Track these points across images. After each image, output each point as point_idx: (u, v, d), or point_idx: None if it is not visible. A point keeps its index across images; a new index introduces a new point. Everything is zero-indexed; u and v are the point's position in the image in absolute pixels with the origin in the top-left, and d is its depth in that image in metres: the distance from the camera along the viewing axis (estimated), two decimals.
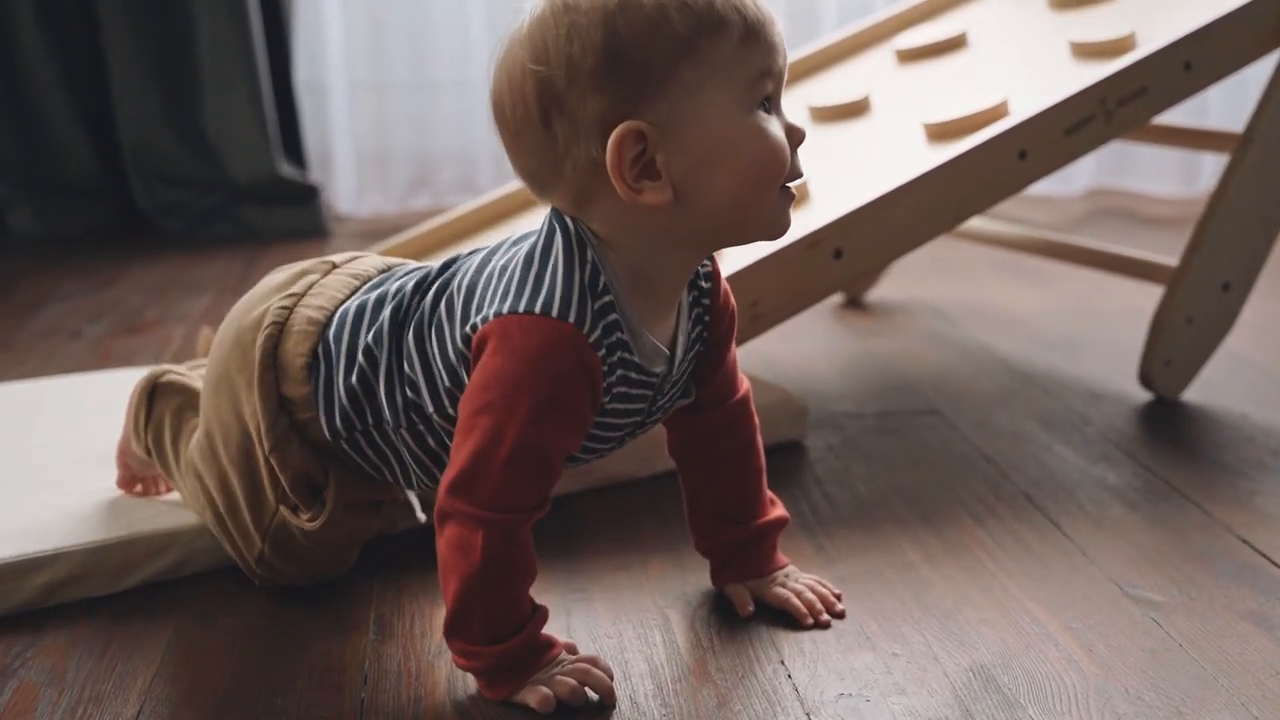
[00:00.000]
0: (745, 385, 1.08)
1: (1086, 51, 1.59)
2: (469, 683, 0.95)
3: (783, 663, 0.99)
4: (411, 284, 0.98)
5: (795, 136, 0.92)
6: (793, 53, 1.91)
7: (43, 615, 1.06)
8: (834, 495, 1.30)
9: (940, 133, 1.51)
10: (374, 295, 1.00)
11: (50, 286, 2.17)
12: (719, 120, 0.88)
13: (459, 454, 0.89)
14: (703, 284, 1.00)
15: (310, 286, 1.04)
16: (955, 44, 1.78)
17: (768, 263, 1.30)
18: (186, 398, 1.13)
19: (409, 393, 0.96)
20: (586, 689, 0.92)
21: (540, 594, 1.07)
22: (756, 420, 1.09)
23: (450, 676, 0.96)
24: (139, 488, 1.19)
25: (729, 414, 1.06)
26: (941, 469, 1.37)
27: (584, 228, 0.92)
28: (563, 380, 0.89)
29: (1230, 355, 1.70)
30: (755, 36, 0.89)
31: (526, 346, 0.88)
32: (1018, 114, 1.43)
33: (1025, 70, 1.63)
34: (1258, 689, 0.94)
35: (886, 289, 2.10)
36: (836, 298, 2.06)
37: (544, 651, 0.93)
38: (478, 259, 0.96)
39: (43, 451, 1.28)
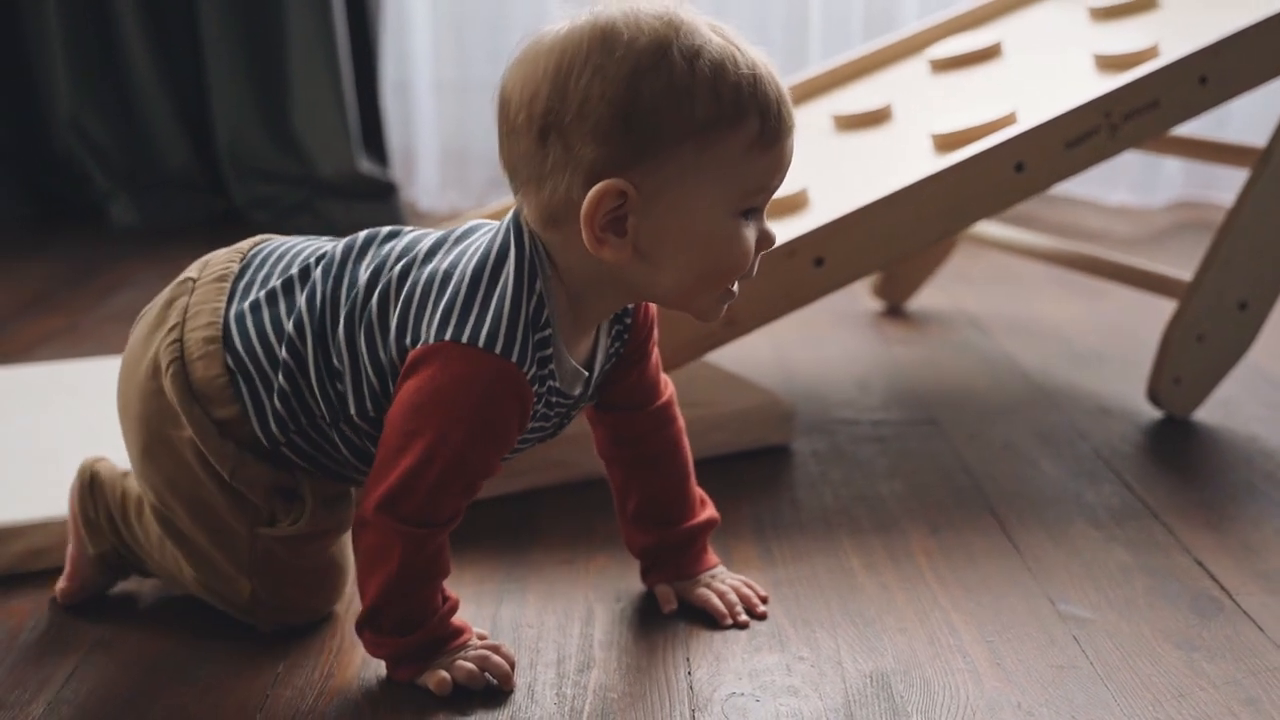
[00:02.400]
0: (669, 391, 1.10)
1: (1107, 64, 1.58)
2: (381, 664, 0.99)
3: (688, 659, 1.02)
4: (330, 263, 0.98)
5: (765, 244, 0.94)
6: (832, 61, 1.92)
7: (18, 580, 1.13)
8: (801, 500, 1.32)
9: (946, 143, 1.51)
10: (259, 279, 1.00)
11: (129, 274, 2.29)
12: (702, 213, 0.90)
13: (389, 471, 0.92)
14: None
15: (185, 310, 1.01)
16: (988, 54, 1.77)
17: None
18: (128, 478, 1.08)
19: (338, 385, 0.97)
20: (485, 674, 0.96)
21: (479, 583, 1.13)
22: (681, 424, 1.11)
23: (365, 657, 1.01)
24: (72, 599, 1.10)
25: (650, 418, 1.09)
26: (916, 479, 1.37)
27: (540, 250, 0.93)
28: (498, 413, 0.91)
29: (1257, 375, 1.66)
30: (767, 145, 0.90)
31: (466, 377, 0.90)
32: (1016, 126, 1.42)
33: (1046, 82, 1.62)
34: (1152, 710, 0.94)
35: (930, 298, 2.09)
36: (876, 305, 2.06)
37: (450, 639, 0.97)
38: (423, 248, 0.96)
39: (59, 428, 1.36)
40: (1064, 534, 1.24)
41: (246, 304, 1.00)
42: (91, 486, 1.08)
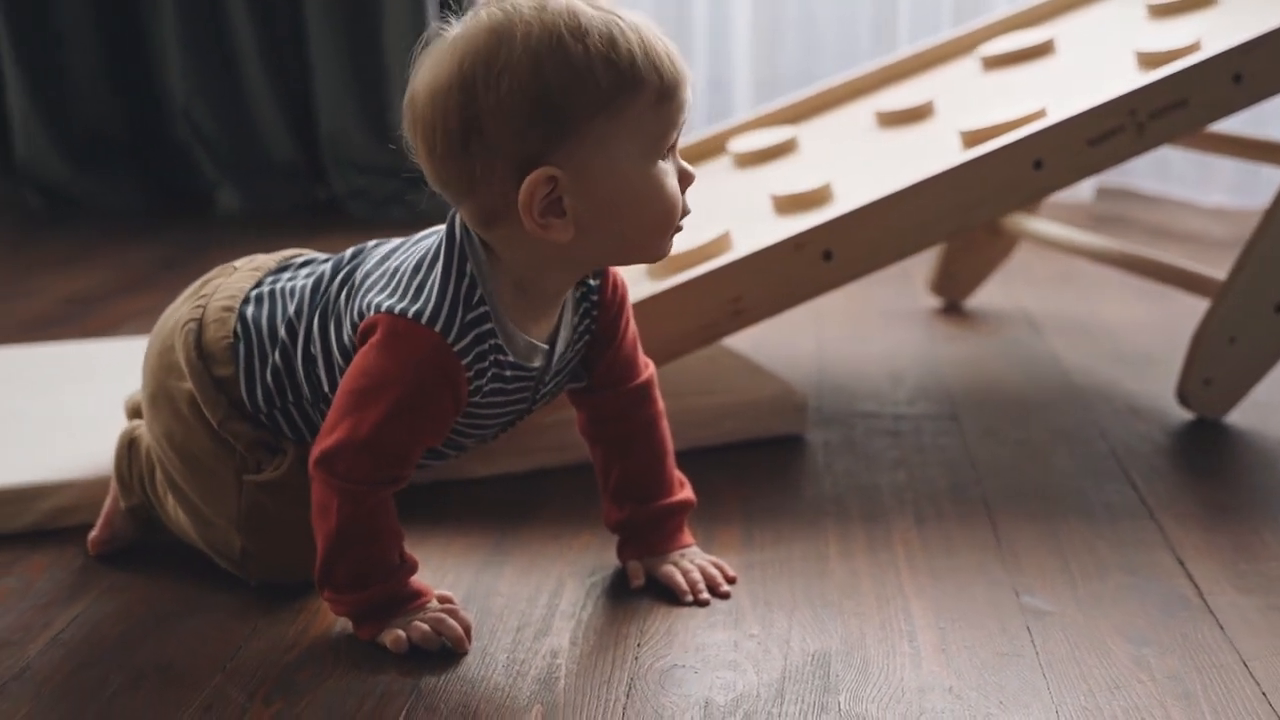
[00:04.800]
0: (647, 372, 1.14)
1: (1147, 61, 1.56)
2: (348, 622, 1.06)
3: (641, 632, 1.06)
4: (328, 267, 1.08)
5: (686, 180, 1.00)
6: (885, 58, 1.94)
7: (44, 536, 1.23)
8: (798, 489, 1.35)
9: (972, 139, 1.51)
10: (286, 276, 1.11)
11: (228, 259, 2.40)
12: (625, 172, 0.96)
13: (329, 430, 1.00)
14: (590, 281, 1.08)
15: (217, 288, 1.12)
16: (1039, 51, 1.76)
17: (751, 261, 1.36)
18: None
19: (316, 370, 1.06)
20: (440, 636, 1.02)
21: (466, 553, 1.18)
22: (660, 406, 1.15)
23: (339, 619, 1.07)
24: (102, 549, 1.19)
25: (626, 398, 1.13)
26: (919, 471, 1.39)
27: (473, 242, 1.00)
28: (424, 384, 0.98)
29: None
30: (667, 97, 0.96)
31: (397, 346, 0.98)
32: (1036, 123, 1.43)
33: (1086, 79, 1.61)
34: (1085, 700, 0.95)
35: (991, 297, 2.09)
36: (934, 302, 2.06)
37: (408, 600, 1.03)
38: (382, 251, 1.06)
39: (108, 399, 1.46)
40: (1051, 529, 1.24)
41: (265, 289, 1.11)
42: (130, 447, 1.18)
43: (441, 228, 1.03)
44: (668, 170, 0.98)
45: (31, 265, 2.39)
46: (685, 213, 1.00)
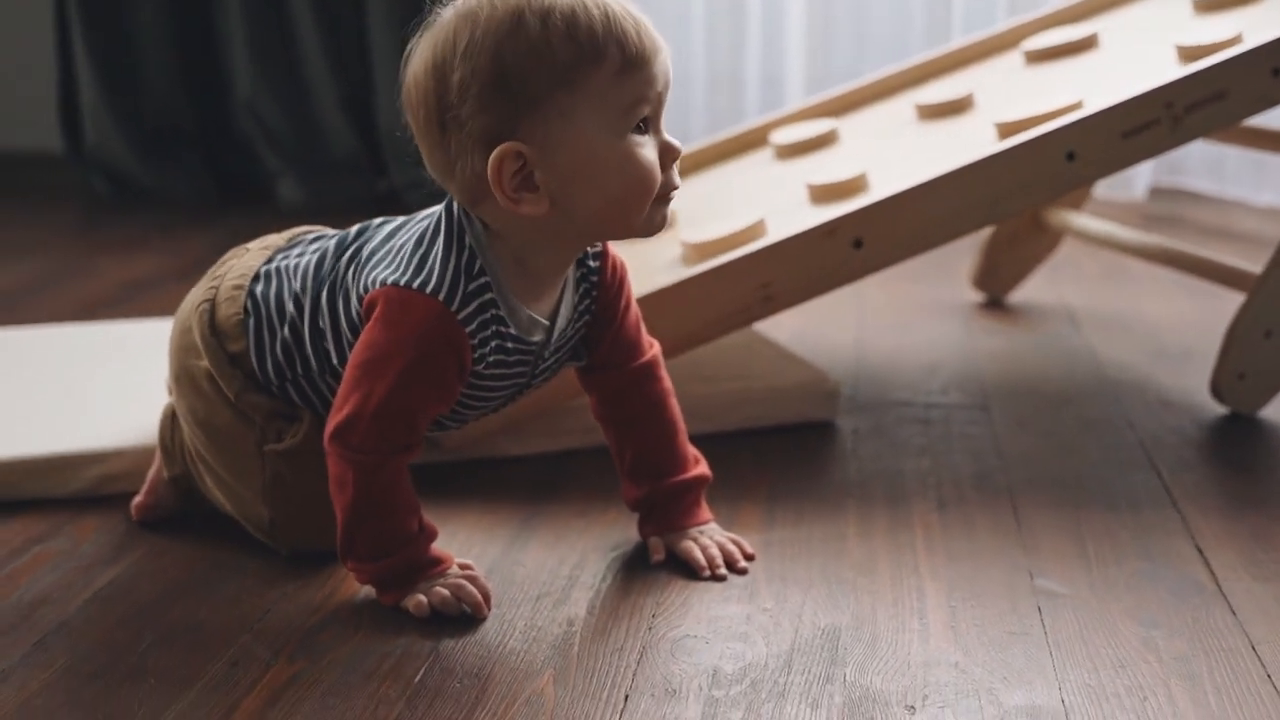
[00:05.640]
0: (651, 351, 1.17)
1: (1188, 55, 1.56)
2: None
3: (657, 604, 1.08)
4: (333, 243, 1.12)
5: (670, 154, 1.03)
6: (929, 53, 1.95)
7: (93, 502, 1.28)
8: (823, 472, 1.37)
9: (1008, 131, 1.52)
10: (295, 253, 1.14)
11: None
12: (590, 144, 0.99)
13: (340, 405, 1.04)
14: (590, 263, 1.11)
15: (230, 268, 1.17)
16: (1083, 45, 1.76)
17: (782, 248, 1.38)
18: None
19: (323, 343, 1.10)
20: (460, 601, 1.05)
21: (493, 527, 1.22)
22: (667, 384, 1.18)
23: (364, 586, 1.11)
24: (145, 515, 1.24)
25: (629, 377, 1.16)
26: (945, 458, 1.40)
27: (469, 219, 1.04)
28: (430, 352, 1.02)
29: None
30: (633, 68, 0.99)
31: (402, 318, 1.02)
32: (1069, 115, 1.43)
33: (1126, 73, 1.61)
34: (1089, 677, 0.96)
35: (1036, 292, 2.09)
36: (976, 296, 2.07)
37: (428, 567, 1.06)
38: (387, 229, 1.10)
39: (153, 373, 1.51)
40: (1073, 516, 1.25)
41: (273, 266, 1.15)
42: (173, 419, 1.23)
43: (441, 206, 1.06)
44: (642, 142, 1.00)
45: (94, 250, 2.46)
46: (671, 186, 1.03)
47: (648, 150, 1.01)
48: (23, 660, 0.99)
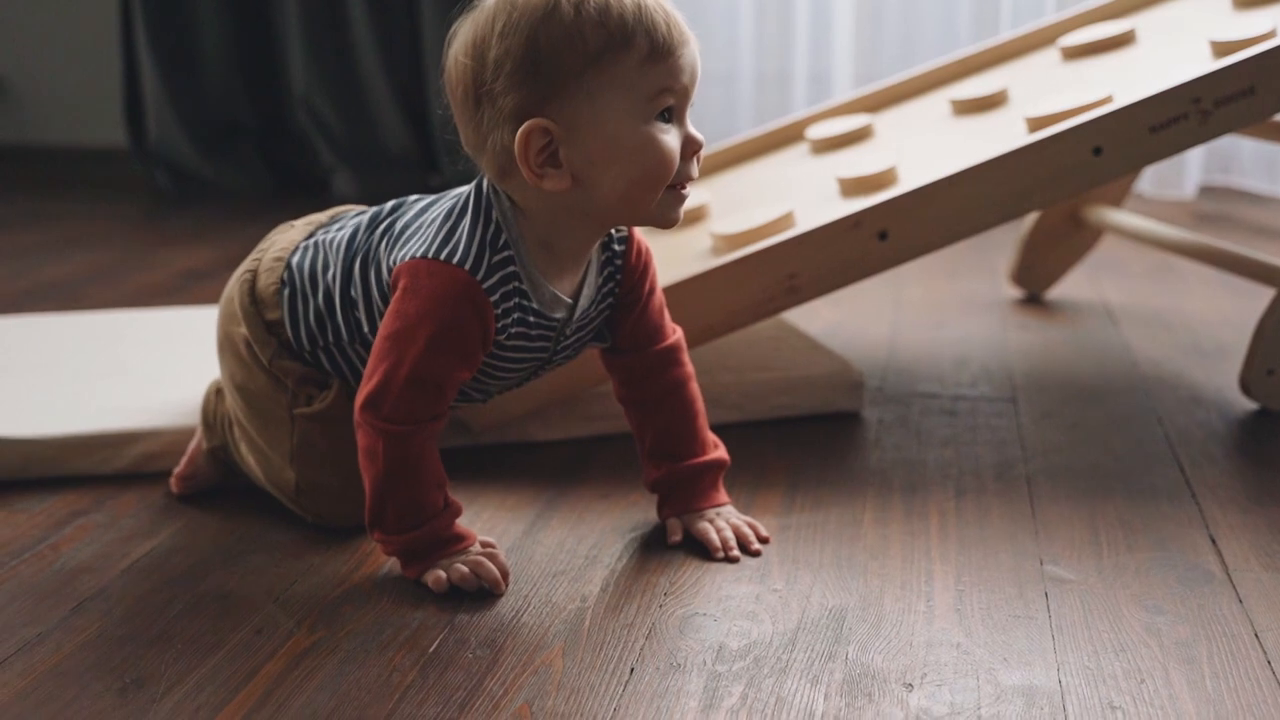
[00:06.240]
0: (674, 336, 1.20)
1: (1221, 50, 1.57)
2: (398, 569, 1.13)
3: (670, 583, 1.11)
4: (367, 217, 1.17)
5: (691, 146, 1.06)
6: (967, 49, 1.95)
7: (134, 479, 1.33)
8: (845, 460, 1.39)
9: (1037, 125, 1.53)
10: (333, 229, 1.19)
11: None
12: (614, 126, 1.03)
13: (370, 375, 1.08)
14: (615, 247, 1.14)
15: (273, 242, 1.23)
16: (1119, 41, 1.77)
17: (808, 239, 1.40)
18: None
19: (354, 312, 1.14)
20: (478, 578, 1.08)
21: (518, 507, 1.25)
22: (689, 370, 1.21)
23: (388, 562, 1.15)
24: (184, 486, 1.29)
25: (652, 360, 1.19)
26: (968, 449, 1.42)
27: (497, 195, 1.08)
28: (455, 318, 1.05)
29: None
30: (659, 57, 1.03)
31: (429, 287, 1.06)
32: (1097, 110, 1.44)
33: (1158, 68, 1.62)
34: (1088, 660, 0.98)
35: (1076, 289, 2.09)
36: (1015, 293, 2.08)
37: (452, 542, 1.10)
38: (419, 205, 1.14)
39: (197, 358, 1.56)
40: (1088, 506, 1.26)
41: (313, 240, 1.20)
42: (218, 394, 1.29)
43: (472, 184, 1.10)
44: (665, 129, 1.04)
45: (154, 241, 2.53)
46: (687, 177, 1.06)
47: (670, 138, 1.04)
48: (60, 624, 1.03)
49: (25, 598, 1.08)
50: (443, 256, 1.06)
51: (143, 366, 1.55)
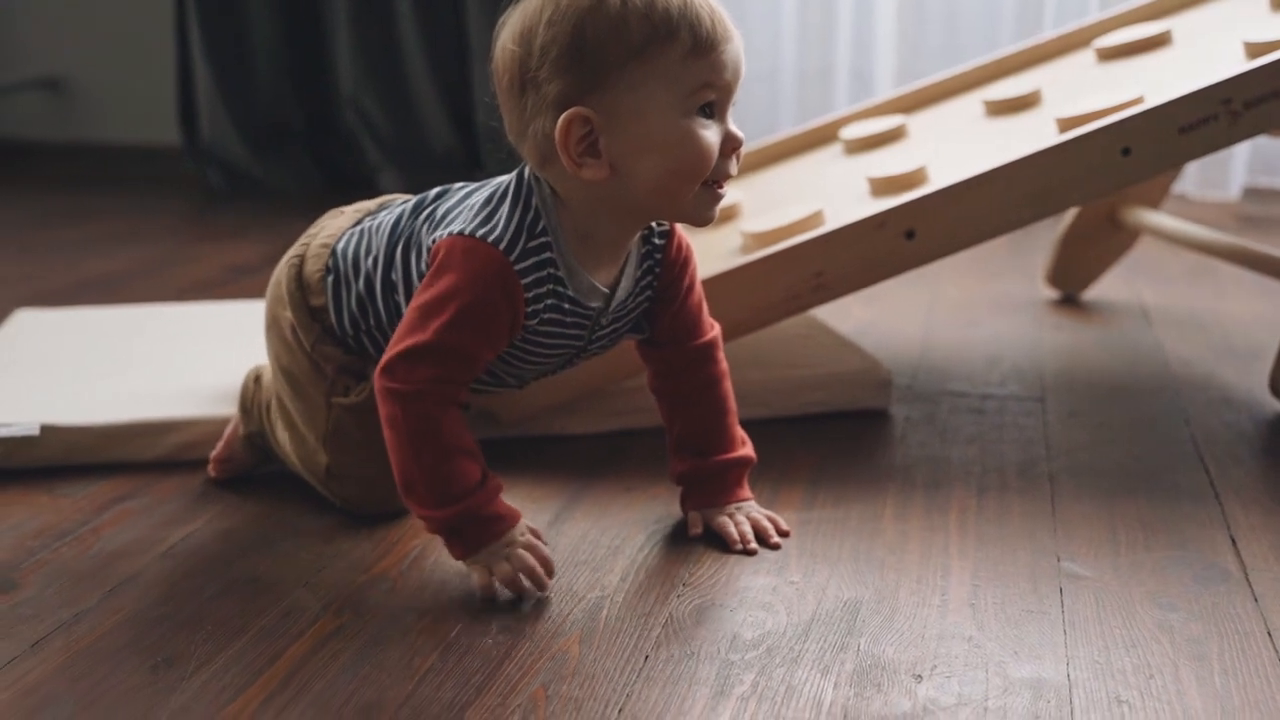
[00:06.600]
0: (711, 333, 1.22)
1: (1255, 51, 1.56)
2: (422, 555, 1.16)
3: (689, 574, 1.13)
4: (411, 204, 1.19)
5: (730, 144, 1.08)
6: (1001, 50, 1.96)
7: (171, 467, 1.37)
8: (870, 457, 1.40)
9: (1067, 125, 1.54)
10: (380, 215, 1.22)
11: None
12: (653, 118, 1.05)
13: (396, 342, 1.09)
14: (655, 240, 1.16)
15: (322, 228, 1.26)
16: (1155, 43, 1.77)
17: (834, 238, 1.42)
18: None
19: (394, 295, 1.16)
20: (524, 580, 1.08)
21: (544, 498, 1.28)
22: (723, 367, 1.22)
23: (416, 550, 1.17)
24: (220, 470, 1.34)
25: (687, 355, 1.21)
26: (993, 447, 1.43)
27: (538, 183, 1.10)
28: (485, 295, 1.07)
29: None
30: (702, 52, 1.04)
31: (463, 263, 1.08)
32: (1125, 110, 1.45)
33: (1191, 69, 1.62)
34: (1099, 655, 0.99)
35: (1112, 290, 2.09)
36: (1050, 293, 2.08)
37: (494, 522, 1.10)
38: (463, 192, 1.16)
39: (239, 350, 1.59)
40: (1109, 505, 1.27)
41: (360, 227, 1.23)
42: (256, 381, 1.33)
43: (514, 172, 1.13)
44: (705, 125, 1.05)
45: (202, 236, 2.58)
46: (724, 174, 1.07)
47: (709, 133, 1.06)
48: (97, 605, 1.07)
49: (65, 579, 1.12)
50: (479, 235, 1.08)
51: (184, 358, 1.59)
